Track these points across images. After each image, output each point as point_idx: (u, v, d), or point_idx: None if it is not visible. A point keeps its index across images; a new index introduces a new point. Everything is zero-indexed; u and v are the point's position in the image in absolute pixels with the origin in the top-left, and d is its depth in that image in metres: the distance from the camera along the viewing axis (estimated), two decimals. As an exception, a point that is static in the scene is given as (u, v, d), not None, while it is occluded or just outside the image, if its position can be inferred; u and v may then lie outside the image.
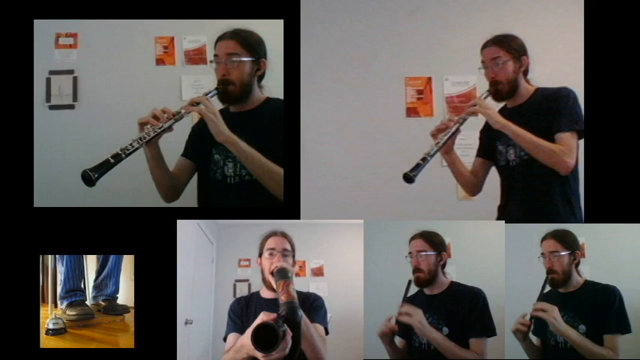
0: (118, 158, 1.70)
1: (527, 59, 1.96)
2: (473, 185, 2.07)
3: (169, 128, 1.80)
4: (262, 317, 1.17)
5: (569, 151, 1.82)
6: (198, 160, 1.98)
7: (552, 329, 1.70)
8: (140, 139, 1.75)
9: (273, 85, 1.98)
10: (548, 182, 1.88)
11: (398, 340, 1.81)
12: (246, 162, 1.79)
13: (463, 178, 2.06)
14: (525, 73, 1.97)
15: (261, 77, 1.93)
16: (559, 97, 1.89)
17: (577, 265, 1.78)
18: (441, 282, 1.82)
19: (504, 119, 1.88)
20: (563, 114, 1.85)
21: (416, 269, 1.80)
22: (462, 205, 2.79)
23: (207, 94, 1.84)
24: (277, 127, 1.87)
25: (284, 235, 1.72)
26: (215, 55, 1.89)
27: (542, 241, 1.81)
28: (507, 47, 1.94)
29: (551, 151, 1.82)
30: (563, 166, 1.82)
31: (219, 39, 1.90)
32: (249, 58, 1.87)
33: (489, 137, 2.04)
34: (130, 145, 1.73)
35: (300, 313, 1.20)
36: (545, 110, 1.88)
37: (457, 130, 1.92)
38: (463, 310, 1.75)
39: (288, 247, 1.69)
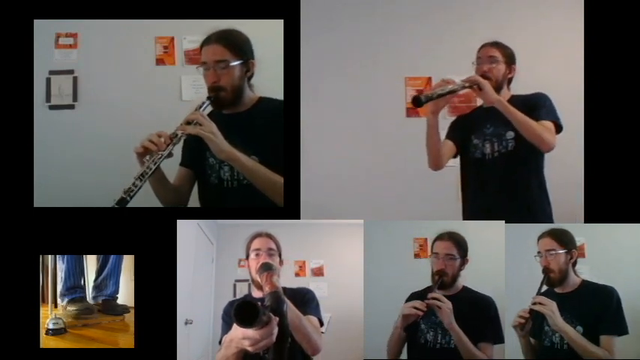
0: (123, 203, 1.69)
1: (515, 68, 2.12)
2: (440, 158, 2.12)
3: (169, 155, 1.76)
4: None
5: (551, 132, 1.97)
6: (195, 167, 1.97)
7: (550, 323, 1.69)
8: (142, 175, 1.73)
9: (272, 85, 1.98)
10: (527, 169, 2.03)
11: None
12: (250, 176, 1.78)
13: (436, 146, 2.09)
14: (510, 81, 2.13)
15: (250, 77, 1.91)
16: (538, 97, 2.06)
17: (574, 264, 1.76)
18: (455, 286, 1.82)
19: (497, 95, 2.00)
20: (543, 108, 2.01)
21: (442, 272, 1.79)
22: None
23: (200, 107, 1.81)
24: (273, 127, 1.85)
25: (268, 236, 1.72)
26: (203, 62, 1.84)
27: (538, 239, 1.80)
28: (503, 52, 2.10)
29: (539, 128, 1.95)
30: (546, 143, 1.95)
31: (204, 43, 1.85)
32: (238, 62, 1.84)
33: (463, 129, 2.16)
34: (133, 185, 1.72)
35: (286, 303, 1.20)
36: (523, 109, 1.98)
37: (454, 91, 2.00)
38: (473, 317, 1.75)
39: (273, 246, 1.70)
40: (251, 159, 1.79)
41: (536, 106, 2.01)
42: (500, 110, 1.97)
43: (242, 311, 1.05)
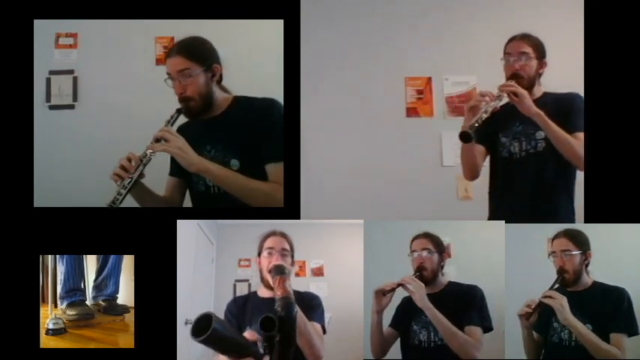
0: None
1: (545, 62, 2.01)
2: (477, 169, 2.06)
3: (141, 175, 1.78)
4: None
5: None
6: (184, 175, 1.97)
7: (559, 318, 1.68)
8: (112, 202, 1.75)
9: (272, 85, 1.98)
10: (556, 177, 1.95)
11: (389, 330, 1.83)
12: (224, 185, 1.79)
13: (473, 158, 2.02)
14: (540, 75, 2.02)
15: (219, 80, 1.91)
16: (573, 98, 1.96)
17: (587, 265, 1.77)
18: (439, 282, 1.83)
19: (537, 108, 1.88)
20: (579, 113, 1.91)
21: (421, 267, 1.80)
22: (462, 205, 2.79)
23: (169, 122, 1.83)
24: (250, 127, 1.85)
25: (283, 235, 1.72)
26: (167, 74, 1.85)
27: (553, 239, 1.79)
28: (534, 46, 1.99)
29: (577, 146, 1.87)
30: (582, 161, 1.88)
31: (168, 56, 1.87)
32: (201, 69, 1.84)
33: (492, 128, 2.05)
34: None
35: (296, 308, 1.20)
36: (556, 111, 1.91)
37: (495, 109, 1.89)
38: (460, 306, 1.75)
39: (287, 246, 1.70)
40: (224, 168, 1.79)
41: (572, 110, 1.92)
42: (539, 124, 1.89)
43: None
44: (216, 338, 1.10)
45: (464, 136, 1.84)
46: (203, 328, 1.08)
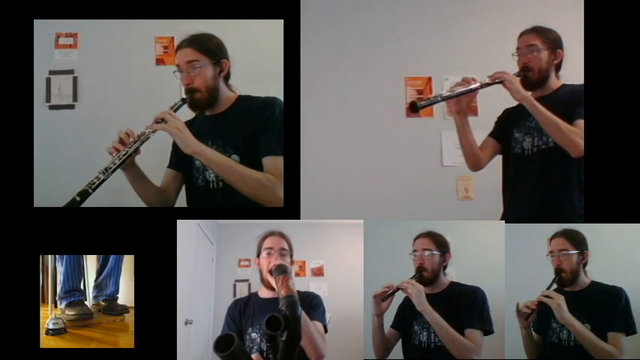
0: (85, 195, 1.72)
1: (561, 53, 1.99)
2: (477, 158, 2.05)
3: (136, 151, 1.81)
4: None
5: (582, 135, 1.84)
6: (183, 169, 1.99)
7: (557, 316, 1.68)
8: (105, 170, 1.76)
9: (272, 85, 1.98)
10: (566, 172, 1.91)
11: (390, 331, 1.83)
12: (217, 170, 1.80)
13: (469, 147, 2.03)
14: (558, 67, 2.01)
15: (227, 77, 1.94)
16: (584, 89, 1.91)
17: (584, 265, 1.78)
18: (442, 282, 1.83)
19: (526, 92, 1.89)
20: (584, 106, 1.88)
21: (421, 268, 1.80)
22: (462, 205, 2.79)
23: (172, 108, 1.86)
24: (250, 125, 1.86)
25: (281, 235, 1.72)
26: (177, 65, 1.90)
27: (551, 239, 1.80)
28: (544, 37, 1.98)
29: (568, 130, 1.83)
30: (576, 148, 1.84)
31: (178, 48, 1.91)
32: (209, 62, 1.88)
33: (507, 123, 2.06)
34: (96, 178, 1.75)
35: (301, 308, 1.20)
36: (570, 102, 1.90)
37: (476, 90, 1.92)
38: (462, 308, 1.75)
39: (286, 246, 1.70)
40: (219, 154, 1.80)
41: (581, 102, 1.88)
42: (528, 109, 1.87)
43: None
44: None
45: (411, 106, 1.86)
46: (224, 345, 1.07)
